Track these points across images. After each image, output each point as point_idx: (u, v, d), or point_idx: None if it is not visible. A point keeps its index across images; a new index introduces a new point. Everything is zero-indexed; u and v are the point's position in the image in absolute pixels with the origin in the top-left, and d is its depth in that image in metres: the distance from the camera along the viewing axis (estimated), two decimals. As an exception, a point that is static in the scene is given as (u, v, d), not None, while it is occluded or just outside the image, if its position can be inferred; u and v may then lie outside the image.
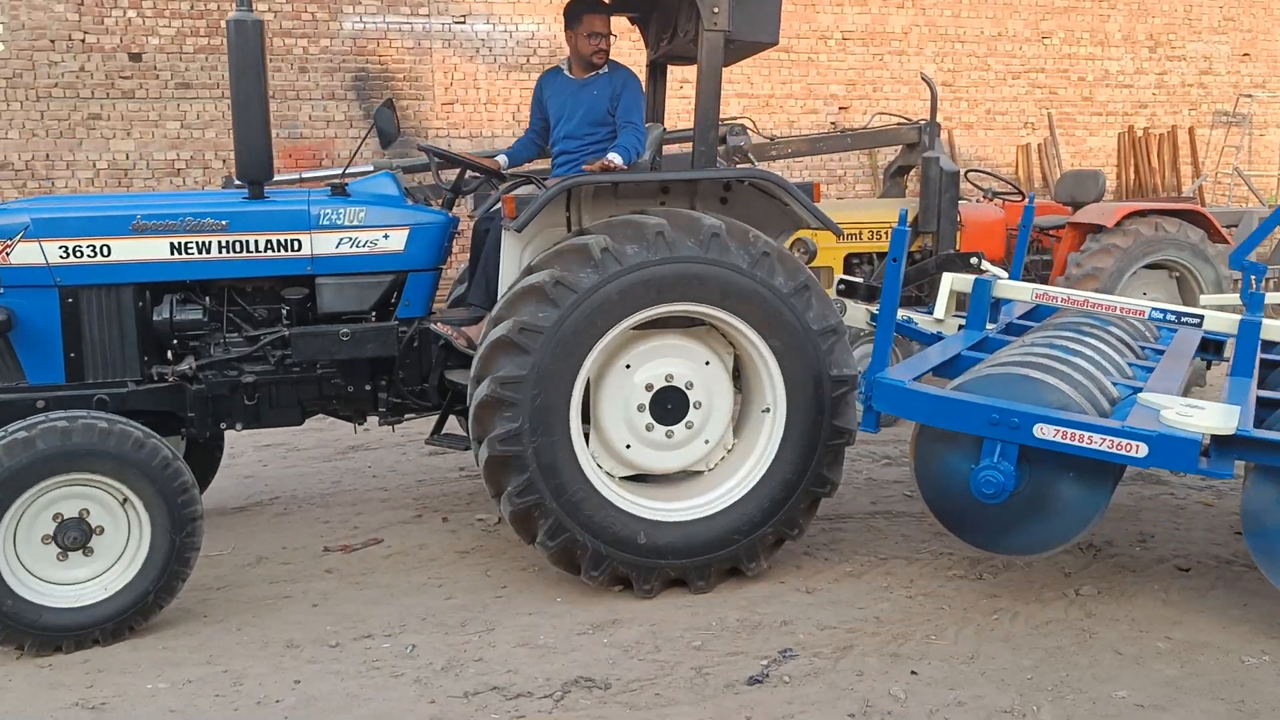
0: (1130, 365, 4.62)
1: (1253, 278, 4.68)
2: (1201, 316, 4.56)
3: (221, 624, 4.27)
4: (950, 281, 5.29)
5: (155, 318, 4.49)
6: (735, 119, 7.95)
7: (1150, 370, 4.57)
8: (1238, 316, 4.41)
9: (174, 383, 4.50)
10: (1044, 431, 3.81)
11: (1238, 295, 5.05)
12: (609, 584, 4.37)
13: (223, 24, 12.24)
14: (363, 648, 4.02)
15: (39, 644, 3.95)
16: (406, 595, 4.51)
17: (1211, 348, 5.23)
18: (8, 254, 4.30)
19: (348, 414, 4.93)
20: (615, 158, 4.84)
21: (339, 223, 4.58)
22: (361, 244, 4.61)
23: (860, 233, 7.65)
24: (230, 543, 5.22)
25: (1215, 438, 3.70)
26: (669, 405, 4.45)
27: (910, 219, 7.52)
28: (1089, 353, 4.43)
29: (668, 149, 6.65)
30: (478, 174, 5.19)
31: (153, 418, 4.43)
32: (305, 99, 12.61)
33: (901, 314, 5.50)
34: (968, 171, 8.44)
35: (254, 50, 4.30)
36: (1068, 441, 3.78)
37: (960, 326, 5.26)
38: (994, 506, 4.00)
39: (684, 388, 4.46)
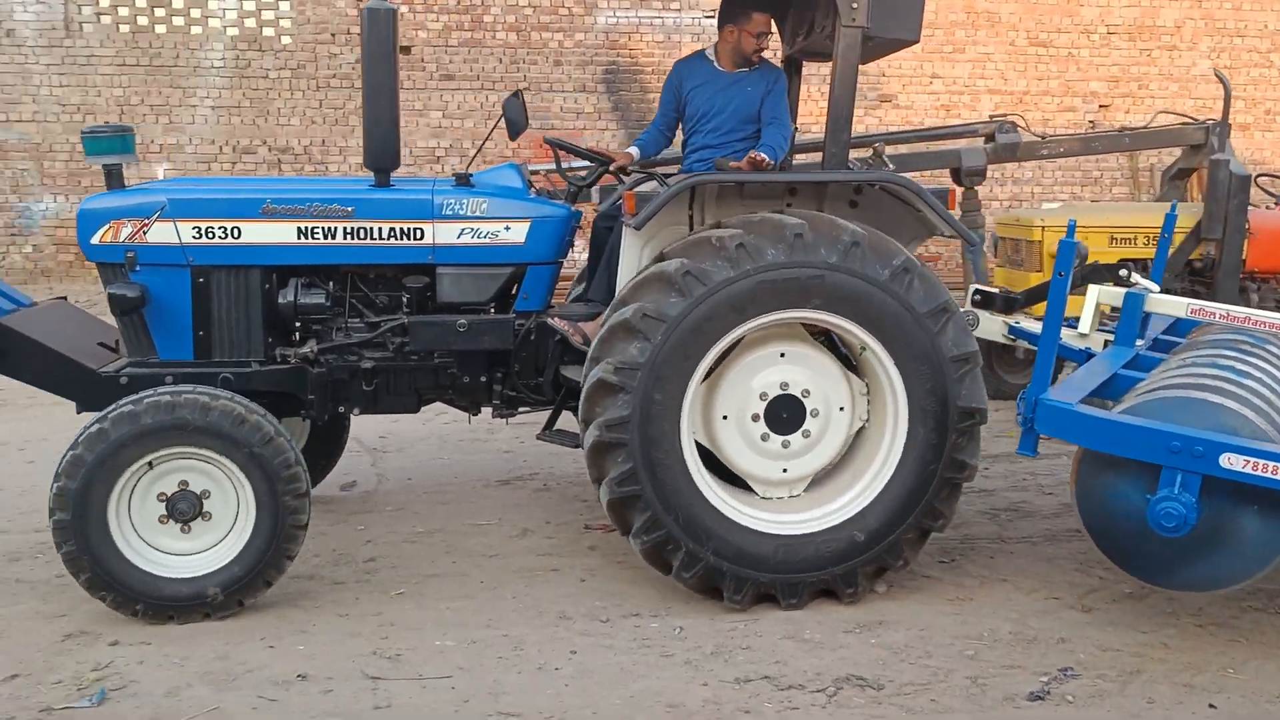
0: None
1: None
2: None
3: (496, 590, 4.47)
4: (1097, 294, 4.92)
5: (280, 300, 4.54)
6: (1004, 116, 7.65)
7: None
8: None
9: (296, 365, 4.55)
10: (1232, 462, 3.56)
11: None
12: (697, 585, 4.24)
13: (484, 19, 12.82)
14: (632, 625, 4.13)
15: (151, 611, 4.03)
16: (656, 577, 4.58)
17: None
18: (145, 233, 4.41)
19: (463, 404, 4.91)
20: (765, 155, 4.58)
21: (461, 213, 4.55)
22: (482, 235, 4.57)
23: (1135, 237, 7.24)
24: (496, 514, 5.46)
25: None
26: (784, 414, 4.32)
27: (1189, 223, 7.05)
28: (1258, 374, 4.12)
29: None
30: (601, 168, 5.10)
31: (274, 398, 4.52)
32: (558, 91, 13.01)
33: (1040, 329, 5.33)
34: (1257, 176, 7.83)
35: (387, 39, 4.29)
36: (1259, 474, 3.53)
37: (1106, 342, 4.93)
38: (1169, 540, 3.74)
39: (800, 395, 4.32)
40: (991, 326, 5.48)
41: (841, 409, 4.37)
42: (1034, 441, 4.05)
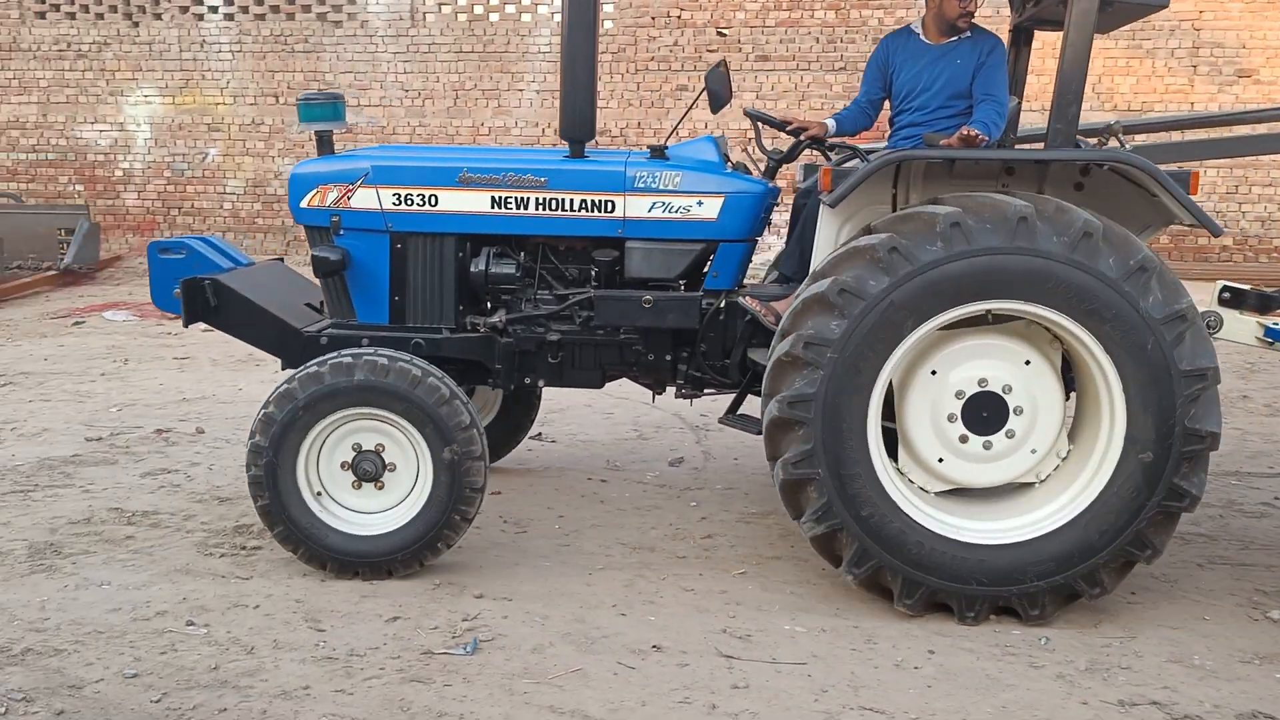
0: None
1: None
2: None
3: (838, 580, 4.33)
4: None
5: (473, 269, 4.54)
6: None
7: None
8: None
9: (485, 334, 4.55)
10: None
11: None
12: (865, 583, 3.96)
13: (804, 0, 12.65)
14: (991, 630, 3.88)
15: (339, 567, 4.14)
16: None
17: None
18: (349, 198, 4.49)
19: (648, 382, 4.78)
20: (978, 131, 4.19)
21: (653, 186, 4.40)
22: (674, 209, 4.41)
23: None
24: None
25: None
26: (984, 413, 3.91)
27: None
28: None
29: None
30: (794, 139, 4.70)
31: (463, 366, 4.56)
32: (875, 71, 12.66)
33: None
34: None
35: (588, 9, 4.20)
36: None
37: None
38: None
39: (1001, 392, 3.91)
40: (1242, 329, 4.78)
41: (1034, 451, 3.99)
42: None
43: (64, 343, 9.11)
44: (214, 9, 13.83)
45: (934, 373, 4.00)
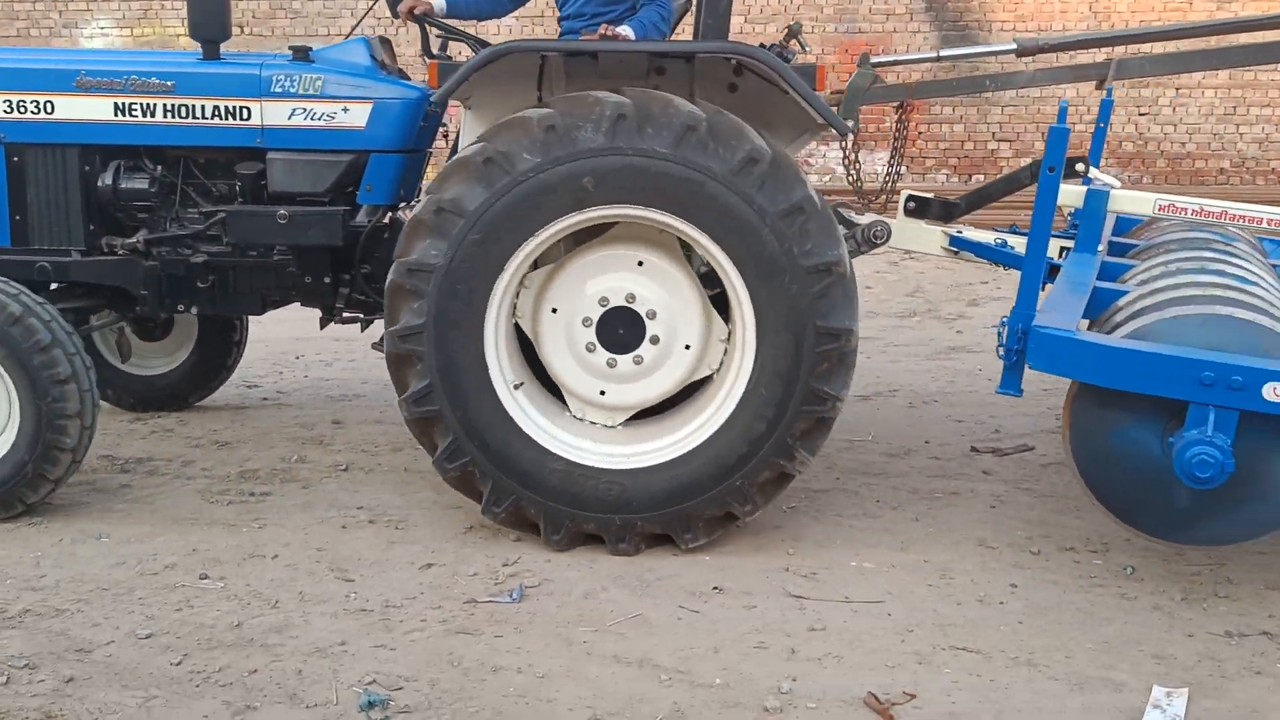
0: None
1: None
2: None
3: (897, 511, 4.07)
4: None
5: (100, 184, 4.17)
6: None
7: None
8: None
9: (124, 257, 4.17)
10: (1278, 392, 2.96)
11: None
12: (509, 521, 3.70)
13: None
14: (1070, 560, 3.63)
15: None
16: (1086, 509, 4.02)
17: None
18: None
19: (314, 307, 4.42)
20: (626, 30, 3.90)
21: (293, 91, 4.03)
22: (317, 116, 4.04)
23: None
24: (867, 430, 5.05)
25: None
26: (620, 330, 3.67)
27: None
28: (1254, 278, 3.55)
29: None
30: (456, 39, 4.34)
31: (106, 292, 4.24)
32: (867, -12, 12.23)
33: (993, 237, 4.48)
34: None
35: None
36: None
37: (1062, 250, 4.28)
38: (1196, 490, 3.09)
39: (627, 303, 3.67)
40: (928, 238, 4.55)
41: (688, 347, 3.69)
42: (1019, 379, 3.37)
43: None
44: (170, -65, 13.09)
45: (555, 310, 3.72)
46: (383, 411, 5.29)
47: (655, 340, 3.68)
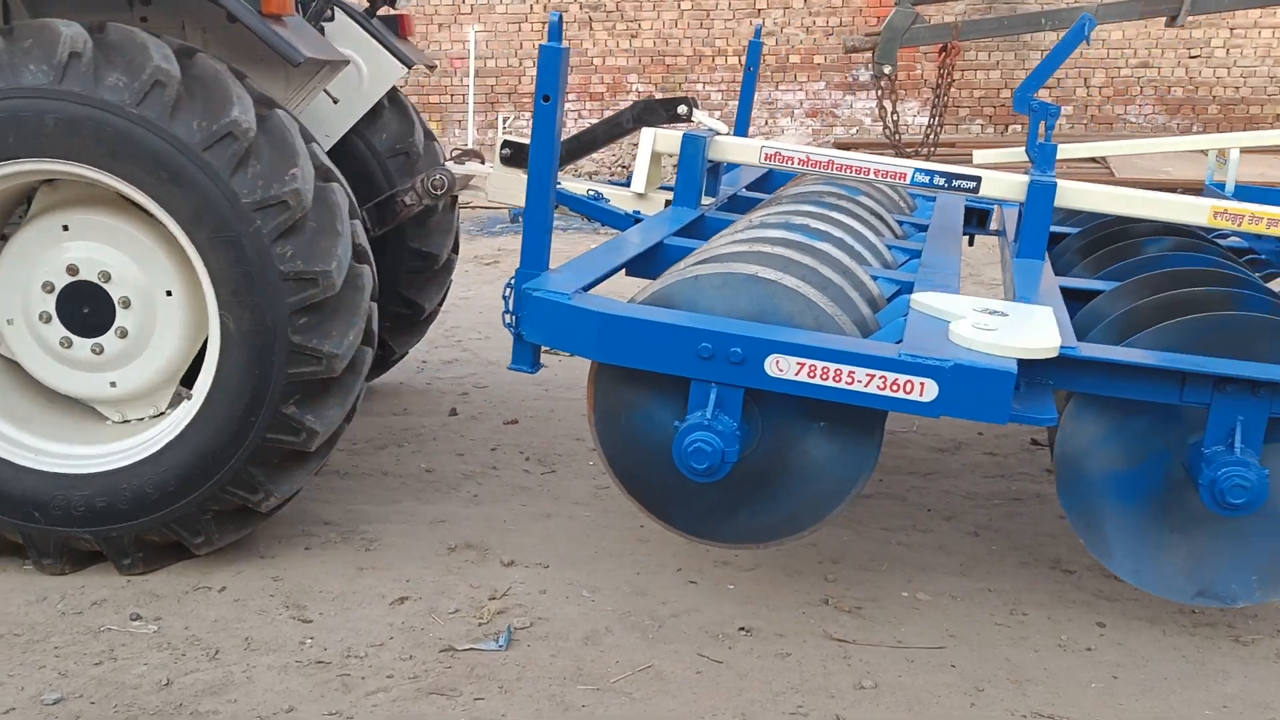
0: (891, 248, 3.42)
1: (1042, 123, 3.79)
2: (978, 179, 3.35)
3: (952, 522, 3.50)
4: (652, 140, 3.80)
5: None
6: None
7: (917, 255, 3.35)
8: (1024, 178, 3.28)
9: None
10: (781, 367, 2.47)
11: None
12: None
13: None
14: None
15: None
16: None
17: (974, 219, 4.22)
18: None
19: None
20: None
21: None
22: None
23: None
24: (911, 420, 4.46)
25: (1026, 362, 2.47)
26: (85, 309, 3.08)
27: None
28: (839, 234, 3.19)
29: None
30: None
31: None
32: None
33: (585, 188, 4.00)
34: None
35: None
36: (817, 381, 2.46)
37: (668, 203, 3.86)
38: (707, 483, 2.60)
39: (71, 276, 3.07)
40: (520, 188, 3.95)
41: (170, 293, 3.07)
42: (531, 353, 2.78)
43: None
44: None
45: (10, 321, 3.16)
46: (373, 402, 4.73)
47: (126, 304, 3.10)
